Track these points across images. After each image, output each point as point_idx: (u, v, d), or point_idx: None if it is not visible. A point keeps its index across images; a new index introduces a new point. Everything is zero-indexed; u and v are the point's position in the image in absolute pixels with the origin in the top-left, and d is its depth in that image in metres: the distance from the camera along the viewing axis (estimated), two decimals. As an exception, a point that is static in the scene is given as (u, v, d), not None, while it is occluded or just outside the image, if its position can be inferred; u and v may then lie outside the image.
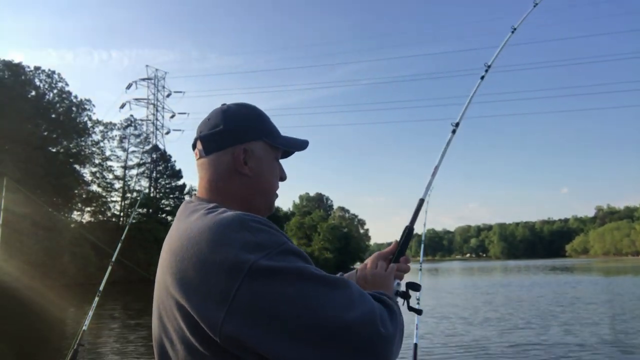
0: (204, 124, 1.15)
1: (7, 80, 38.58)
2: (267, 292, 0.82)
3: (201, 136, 1.13)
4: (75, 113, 45.33)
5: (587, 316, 14.15)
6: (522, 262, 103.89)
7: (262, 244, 0.87)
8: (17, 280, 22.41)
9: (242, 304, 0.82)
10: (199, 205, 1.03)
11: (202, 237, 0.90)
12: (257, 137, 1.12)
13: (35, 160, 35.99)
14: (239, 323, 0.82)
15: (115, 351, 10.47)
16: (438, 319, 14.23)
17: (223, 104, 1.17)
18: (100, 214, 48.35)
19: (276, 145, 1.15)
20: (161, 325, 0.96)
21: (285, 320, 0.81)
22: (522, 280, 35.05)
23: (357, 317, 0.85)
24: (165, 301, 0.94)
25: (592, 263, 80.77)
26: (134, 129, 53.94)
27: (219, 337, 0.83)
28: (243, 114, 1.14)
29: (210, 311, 0.83)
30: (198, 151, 1.13)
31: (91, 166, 48.42)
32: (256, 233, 0.89)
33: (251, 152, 1.10)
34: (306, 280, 0.85)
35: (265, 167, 1.13)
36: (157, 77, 67.99)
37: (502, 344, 10.15)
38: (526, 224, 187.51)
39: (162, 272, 0.97)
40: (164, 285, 0.95)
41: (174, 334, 0.91)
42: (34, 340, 11.60)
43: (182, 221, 1.01)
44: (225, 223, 0.90)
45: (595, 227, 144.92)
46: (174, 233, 1.00)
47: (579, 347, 9.70)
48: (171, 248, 0.95)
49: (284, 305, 0.82)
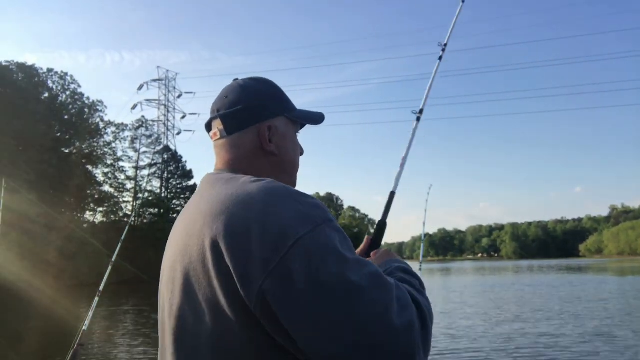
0: (220, 101, 1.10)
1: (20, 82, 39.08)
2: (308, 267, 0.80)
3: (220, 115, 1.08)
4: (87, 114, 45.84)
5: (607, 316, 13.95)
6: (535, 262, 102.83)
7: (311, 216, 0.85)
8: (26, 281, 22.67)
9: (282, 273, 0.79)
10: (235, 175, 0.99)
11: (253, 201, 0.86)
12: (279, 112, 1.09)
13: (49, 161, 36.43)
14: (275, 291, 0.79)
15: (119, 350, 10.53)
16: (441, 317, 14.13)
17: (236, 79, 1.13)
18: (112, 214, 48.79)
19: (295, 119, 1.13)
20: (186, 297, 0.90)
21: (318, 300, 0.78)
22: (534, 280, 34.70)
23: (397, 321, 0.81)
24: (198, 268, 0.88)
25: (606, 263, 79.66)
26: (146, 130, 54.37)
27: (254, 299, 0.80)
28: (263, 90, 1.10)
29: (251, 273, 0.81)
30: (218, 131, 1.08)
31: (103, 167, 48.95)
32: (306, 205, 0.87)
33: (275, 128, 1.08)
34: (351, 267, 0.82)
35: (289, 143, 1.11)
36: (168, 78, 68.44)
37: (504, 343, 10.03)
38: (539, 224, 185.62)
39: (195, 238, 0.91)
40: (199, 251, 0.88)
41: (204, 304, 0.86)
42: (41, 340, 11.71)
43: (217, 188, 0.96)
44: (277, 191, 0.88)
45: (609, 226, 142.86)
46: (209, 198, 0.94)
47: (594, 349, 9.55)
48: (210, 213, 0.89)
49: (320, 285, 0.79)
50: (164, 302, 0.99)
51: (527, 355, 9.18)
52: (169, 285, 0.97)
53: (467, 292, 25.81)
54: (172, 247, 1.00)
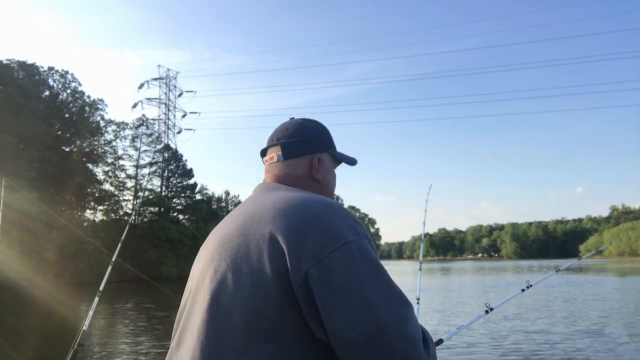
0: (281, 132, 1.28)
1: (21, 80, 39.10)
2: (349, 265, 0.94)
3: (281, 142, 1.25)
4: (88, 113, 45.87)
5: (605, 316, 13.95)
6: (535, 262, 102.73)
7: (359, 231, 1.01)
8: (26, 279, 22.68)
9: (328, 265, 0.93)
10: (292, 188, 1.16)
11: (316, 206, 1.02)
12: (327, 149, 1.29)
13: (49, 159, 36.46)
14: (318, 278, 0.92)
15: (119, 350, 10.54)
16: (441, 316, 14.13)
17: (292, 118, 1.32)
18: (113, 213, 48.80)
19: (336, 157, 1.32)
20: (232, 267, 1.00)
21: (352, 294, 0.91)
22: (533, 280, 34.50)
23: (413, 333, 0.93)
24: (252, 246, 1.00)
25: (606, 264, 79.59)
26: (146, 129, 54.40)
27: (299, 281, 0.93)
28: (316, 128, 1.30)
29: (302, 259, 0.94)
30: (276, 155, 1.25)
31: (104, 165, 48.94)
32: (355, 221, 1.03)
33: (322, 161, 1.27)
34: (384, 278, 0.96)
35: (330, 175, 1.30)
36: (169, 77, 68.38)
37: (505, 343, 10.04)
38: (539, 224, 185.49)
39: (255, 222, 1.03)
40: (258, 233, 1.00)
41: (249, 274, 0.97)
42: (40, 339, 11.72)
43: (280, 192, 1.11)
44: (333, 204, 1.05)
45: (609, 227, 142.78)
46: (273, 198, 1.08)
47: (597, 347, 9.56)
48: (274, 206, 1.04)
49: (357, 282, 0.92)
50: (202, 275, 1.07)
51: (524, 355, 9.18)
52: (215, 256, 1.06)
53: (465, 292, 25.82)
54: (221, 230, 1.11)
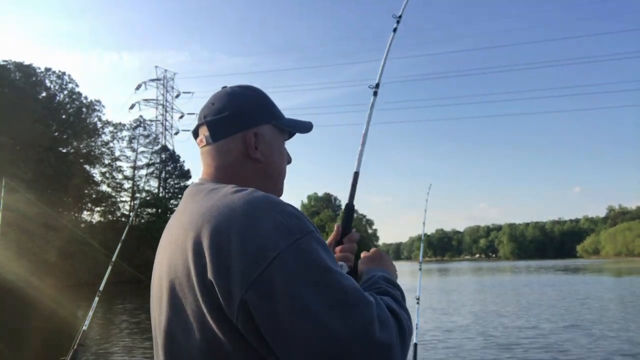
0: (207, 108, 1.10)
1: (18, 81, 39.01)
2: (288, 282, 0.80)
3: (207, 121, 1.08)
4: (85, 114, 45.80)
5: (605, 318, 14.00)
6: (533, 263, 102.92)
7: (292, 228, 0.85)
8: (25, 280, 22.62)
9: (263, 287, 0.79)
10: (217, 185, 0.99)
11: (233, 213, 0.86)
12: (266, 120, 1.10)
13: (46, 160, 36.38)
14: (256, 303, 0.79)
15: (119, 350, 10.53)
16: (439, 316, 14.15)
17: (224, 87, 1.13)
18: (110, 214, 48.75)
19: (283, 127, 1.13)
20: (173, 312, 0.91)
21: (297, 314, 0.78)
22: (530, 280, 34.73)
23: (377, 338, 0.81)
24: (183, 282, 0.89)
25: (603, 264, 79.79)
26: (143, 130, 54.45)
27: (236, 312, 0.81)
28: (250, 97, 1.10)
29: (232, 286, 0.81)
30: (204, 137, 1.08)
31: (101, 166, 48.96)
32: (286, 216, 0.86)
33: (261, 136, 1.08)
34: (331, 283, 0.82)
35: (275, 151, 1.11)
36: (166, 78, 68.43)
37: (503, 342, 10.06)
38: (536, 224, 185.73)
39: (178, 252, 0.91)
40: (183, 265, 0.89)
41: (192, 318, 0.87)
42: (40, 340, 11.69)
43: (198, 200, 0.96)
44: (257, 202, 0.88)
45: (606, 227, 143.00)
46: (191, 211, 0.94)
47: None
48: (191, 226, 0.90)
49: (300, 300, 0.79)
50: (154, 317, 1.00)
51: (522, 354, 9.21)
52: (157, 301, 0.97)
53: (464, 292, 25.86)
54: (159, 262, 1.01)
